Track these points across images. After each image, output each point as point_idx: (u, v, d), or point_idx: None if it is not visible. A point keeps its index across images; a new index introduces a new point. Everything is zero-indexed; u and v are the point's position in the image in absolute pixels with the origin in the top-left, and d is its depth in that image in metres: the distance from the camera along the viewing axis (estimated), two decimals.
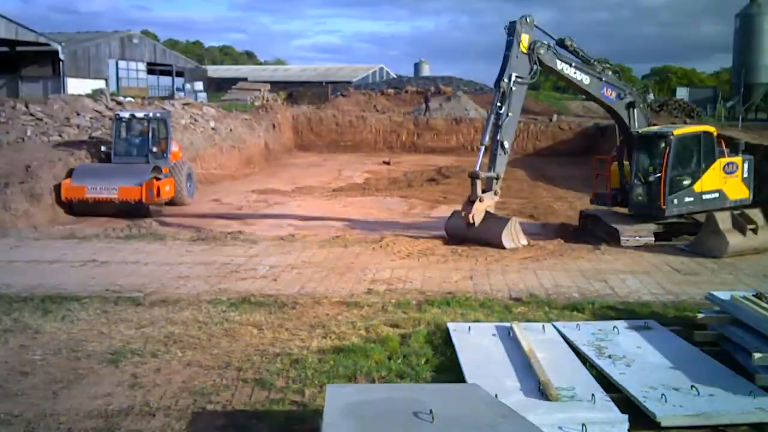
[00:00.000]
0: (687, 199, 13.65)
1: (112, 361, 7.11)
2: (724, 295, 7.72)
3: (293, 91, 56.89)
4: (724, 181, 13.86)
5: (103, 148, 19.37)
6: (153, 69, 64.24)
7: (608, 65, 14.71)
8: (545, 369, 6.45)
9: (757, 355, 6.42)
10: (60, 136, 21.37)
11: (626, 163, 14.73)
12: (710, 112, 42.32)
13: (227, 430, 5.66)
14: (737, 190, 14.05)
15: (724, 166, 13.87)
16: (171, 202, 19.31)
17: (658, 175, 13.53)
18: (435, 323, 8.24)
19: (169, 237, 13.79)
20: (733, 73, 42.60)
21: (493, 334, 7.68)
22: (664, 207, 13.44)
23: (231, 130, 29.26)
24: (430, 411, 3.77)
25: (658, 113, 37.13)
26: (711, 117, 39.07)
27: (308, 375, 6.71)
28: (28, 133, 21.20)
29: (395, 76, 73.49)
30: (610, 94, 14.57)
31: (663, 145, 13.67)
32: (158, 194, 18.01)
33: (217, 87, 61.66)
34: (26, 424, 5.74)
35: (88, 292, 9.68)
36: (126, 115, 19.49)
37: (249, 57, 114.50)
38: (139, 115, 19.49)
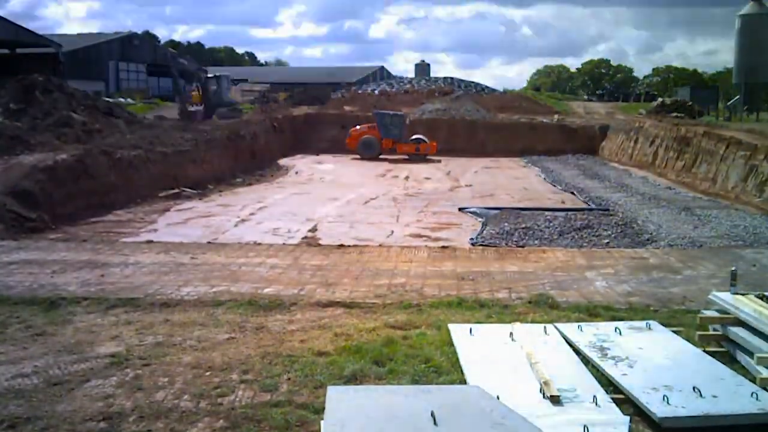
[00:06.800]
0: None
1: (113, 363, 7.10)
2: (725, 295, 7.69)
3: (294, 91, 56.82)
4: None
5: None
6: (154, 70, 64.29)
7: None
8: (547, 370, 6.44)
9: (759, 356, 6.41)
10: (59, 139, 21.32)
11: None
12: (712, 112, 42.33)
13: None
14: None
15: None
16: None
17: None
18: (436, 325, 8.22)
19: None
20: (734, 72, 42.49)
21: (495, 336, 7.66)
22: None
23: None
24: (432, 413, 3.76)
25: (658, 113, 37.11)
26: (713, 117, 39.05)
27: (309, 376, 6.69)
28: None
29: (396, 77, 73.51)
30: None
31: None
32: None
33: None
34: (27, 426, 5.73)
35: (89, 294, 9.68)
36: None
37: (249, 58, 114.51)
38: None
